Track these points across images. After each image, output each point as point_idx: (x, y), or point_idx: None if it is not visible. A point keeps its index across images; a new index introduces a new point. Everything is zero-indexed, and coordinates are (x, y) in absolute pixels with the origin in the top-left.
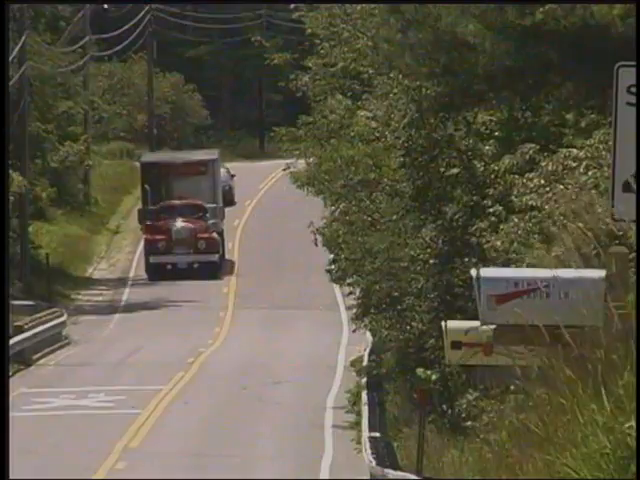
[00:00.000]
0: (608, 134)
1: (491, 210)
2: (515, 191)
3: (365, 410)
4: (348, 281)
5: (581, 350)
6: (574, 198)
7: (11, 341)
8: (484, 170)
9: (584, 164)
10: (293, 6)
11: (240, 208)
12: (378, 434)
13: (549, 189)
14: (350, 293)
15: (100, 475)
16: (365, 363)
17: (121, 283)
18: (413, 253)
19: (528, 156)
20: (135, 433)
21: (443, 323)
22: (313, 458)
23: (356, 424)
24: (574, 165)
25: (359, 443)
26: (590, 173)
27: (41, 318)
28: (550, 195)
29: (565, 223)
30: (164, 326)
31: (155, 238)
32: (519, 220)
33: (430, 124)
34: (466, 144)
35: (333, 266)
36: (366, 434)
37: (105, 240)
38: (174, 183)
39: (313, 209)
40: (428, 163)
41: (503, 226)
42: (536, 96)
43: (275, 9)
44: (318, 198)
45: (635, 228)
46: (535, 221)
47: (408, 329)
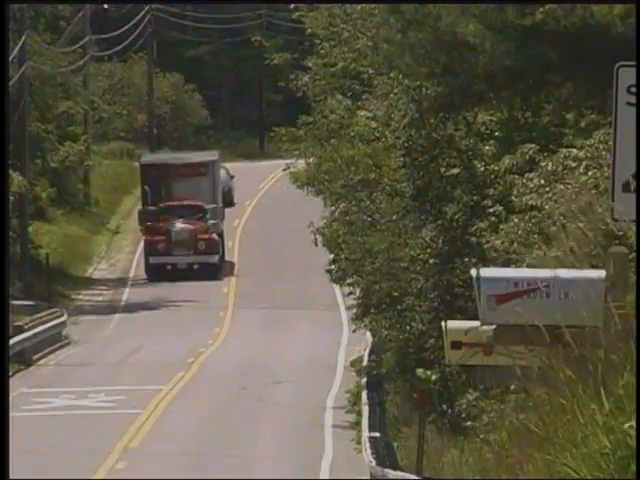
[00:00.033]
0: (608, 134)
1: (491, 210)
2: (515, 191)
3: (365, 410)
4: (348, 281)
5: (581, 350)
6: (574, 198)
7: (11, 341)
8: (484, 170)
9: (584, 164)
10: (293, 6)
11: (240, 208)
12: (378, 434)
13: (549, 189)
14: (350, 293)
15: (100, 475)
16: (365, 363)
17: (121, 283)
18: (413, 253)
19: (528, 156)
20: (135, 433)
21: (443, 323)
22: (313, 458)
23: (356, 424)
24: (574, 165)
25: (359, 443)
26: (590, 173)
27: (41, 318)
28: (550, 195)
29: (565, 223)
30: (164, 326)
31: (155, 239)
32: (519, 220)
33: (430, 124)
34: (466, 144)
35: (333, 266)
36: (366, 434)
37: (105, 240)
38: (174, 184)
39: (313, 209)
40: (428, 163)
41: (503, 226)
42: (536, 96)
43: (275, 9)
44: (318, 198)
45: (635, 228)
46: (535, 221)
47: (408, 329)
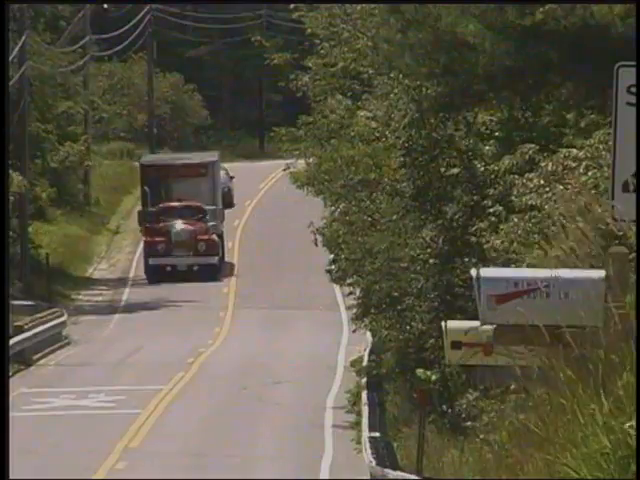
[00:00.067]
0: (608, 134)
1: (491, 210)
2: (515, 191)
3: (365, 410)
4: (348, 281)
5: (581, 350)
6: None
7: (11, 341)
8: (484, 170)
9: (584, 164)
10: (293, 6)
11: (240, 208)
12: (378, 434)
13: (549, 189)
14: (350, 293)
15: (100, 475)
16: (365, 363)
17: (121, 283)
18: (413, 253)
19: (528, 156)
20: (135, 433)
21: (443, 323)
22: (313, 458)
23: (356, 424)
24: (574, 165)
25: (359, 443)
26: (590, 173)
27: (41, 318)
28: (550, 195)
29: (565, 223)
30: (164, 326)
31: (154, 240)
32: (519, 220)
33: (430, 124)
34: (466, 144)
35: (333, 266)
36: (366, 434)
37: (105, 240)
38: (174, 185)
39: (313, 209)
40: (428, 163)
41: (503, 226)
42: (536, 96)
43: (275, 9)
44: (318, 198)
45: (635, 228)
46: (535, 221)
47: (408, 329)
